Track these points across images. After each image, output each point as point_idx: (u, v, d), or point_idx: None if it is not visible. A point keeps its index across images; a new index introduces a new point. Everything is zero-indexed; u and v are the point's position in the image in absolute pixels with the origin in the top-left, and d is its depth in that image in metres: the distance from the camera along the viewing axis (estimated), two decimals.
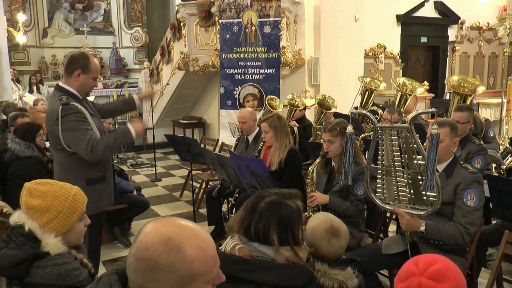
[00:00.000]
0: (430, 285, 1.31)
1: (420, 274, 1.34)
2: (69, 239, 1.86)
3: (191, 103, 9.81)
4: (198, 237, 1.16)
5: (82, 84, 3.04)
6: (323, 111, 5.18)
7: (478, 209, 2.79)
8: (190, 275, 1.13)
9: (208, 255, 1.16)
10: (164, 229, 1.15)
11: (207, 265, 1.16)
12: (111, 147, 2.98)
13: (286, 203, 1.69)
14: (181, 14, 8.16)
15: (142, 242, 1.13)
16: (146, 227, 1.16)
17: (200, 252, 1.14)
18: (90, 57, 3.10)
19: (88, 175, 3.03)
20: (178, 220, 1.20)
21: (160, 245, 1.11)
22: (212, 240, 1.20)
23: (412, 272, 1.36)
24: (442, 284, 1.30)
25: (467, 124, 4.08)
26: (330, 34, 7.73)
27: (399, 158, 2.50)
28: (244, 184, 3.70)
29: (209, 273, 1.17)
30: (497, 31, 11.76)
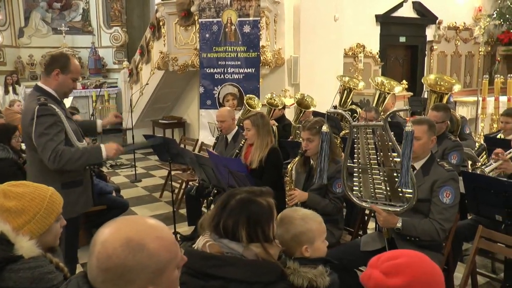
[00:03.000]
0: (379, 278, 1.32)
1: (376, 266, 1.35)
2: (46, 241, 1.83)
3: (171, 103, 9.76)
4: (154, 228, 1.17)
5: (61, 84, 2.99)
6: (302, 110, 5.21)
7: (454, 206, 2.84)
8: (160, 266, 1.14)
9: (169, 241, 1.18)
10: (120, 232, 1.14)
11: (172, 251, 1.17)
12: (75, 161, 2.91)
13: (256, 201, 1.69)
14: (160, 13, 8.10)
15: (101, 253, 1.12)
16: (99, 237, 1.14)
17: (161, 241, 1.15)
18: (70, 58, 3.06)
19: (64, 179, 2.98)
20: (126, 219, 1.20)
21: (122, 249, 1.10)
22: (164, 225, 1.22)
23: (372, 263, 1.38)
24: (393, 278, 1.30)
25: (443, 123, 4.15)
26: (310, 34, 7.77)
27: (375, 156, 2.53)
28: (223, 184, 3.70)
29: (175, 258, 1.19)
30: (473, 31, 11.98)
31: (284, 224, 1.91)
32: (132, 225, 1.16)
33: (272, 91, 6.01)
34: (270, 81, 7.71)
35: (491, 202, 3.09)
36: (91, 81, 12.18)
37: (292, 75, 7.80)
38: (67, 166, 2.90)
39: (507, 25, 12.18)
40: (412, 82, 10.64)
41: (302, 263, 1.75)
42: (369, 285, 1.34)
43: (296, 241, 1.90)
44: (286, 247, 1.88)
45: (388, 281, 1.31)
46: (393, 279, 1.30)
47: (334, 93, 5.92)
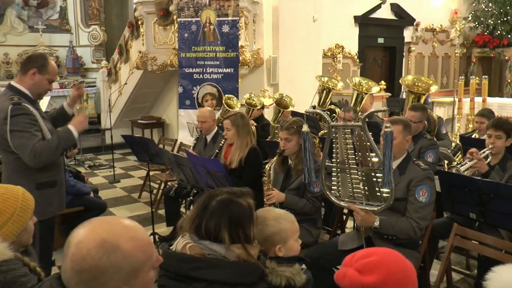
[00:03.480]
0: (353, 276, 1.33)
1: (350, 265, 1.37)
2: (22, 240, 1.82)
3: (150, 103, 9.68)
4: (128, 229, 1.16)
5: (36, 84, 2.94)
6: (281, 110, 5.22)
7: (430, 204, 2.89)
8: (135, 267, 1.13)
9: (144, 242, 1.17)
10: (94, 233, 1.13)
11: (147, 252, 1.17)
12: (54, 152, 2.89)
13: (237, 202, 1.69)
14: (139, 12, 8.02)
15: (75, 254, 1.11)
16: (73, 238, 1.14)
17: (136, 242, 1.14)
18: (48, 59, 3.03)
19: (38, 179, 2.94)
20: (101, 220, 1.19)
21: (97, 250, 1.09)
22: (139, 225, 1.21)
23: (346, 262, 1.39)
24: (367, 276, 1.32)
25: (420, 123, 4.21)
26: (289, 34, 7.80)
27: (353, 156, 2.55)
28: (201, 184, 3.68)
29: (150, 259, 1.18)
30: (449, 33, 12.20)
31: (258, 224, 1.91)
32: (107, 226, 1.15)
33: (251, 91, 6.02)
34: (249, 81, 7.72)
35: (465, 201, 3.14)
36: (69, 81, 11.98)
37: (271, 75, 7.82)
38: (49, 159, 2.89)
39: (482, 28, 12.44)
40: (390, 82, 10.78)
41: (279, 262, 1.75)
42: (344, 283, 1.35)
43: (269, 241, 1.91)
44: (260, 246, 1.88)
45: (362, 279, 1.32)
46: (367, 276, 1.32)
47: (313, 93, 5.96)
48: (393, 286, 1.33)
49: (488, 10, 12.08)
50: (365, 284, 1.31)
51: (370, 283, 1.31)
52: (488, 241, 2.86)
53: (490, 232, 3.10)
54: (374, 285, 1.31)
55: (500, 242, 2.86)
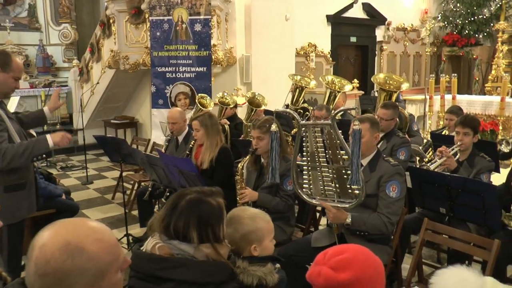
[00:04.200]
0: (328, 274, 1.34)
1: (323, 263, 1.38)
2: None
3: (123, 102, 9.57)
4: (94, 230, 1.15)
5: (1, 84, 2.87)
6: (253, 109, 5.23)
7: (400, 199, 2.93)
8: (101, 269, 1.12)
9: (110, 243, 1.16)
10: (58, 236, 1.11)
11: (113, 253, 1.15)
12: (20, 156, 2.80)
13: (206, 201, 1.68)
14: (110, 11, 7.93)
15: (39, 257, 1.08)
16: (37, 242, 1.11)
17: (101, 244, 1.13)
18: (11, 56, 2.95)
19: (6, 182, 2.86)
20: (65, 222, 1.17)
21: (61, 253, 1.08)
22: (107, 227, 1.20)
23: (318, 260, 1.40)
24: (342, 273, 1.33)
25: (391, 121, 4.27)
26: (261, 33, 7.82)
27: (324, 154, 2.57)
28: (174, 184, 3.66)
29: (116, 260, 1.17)
30: (420, 32, 12.43)
31: (233, 223, 1.90)
32: (71, 228, 1.14)
33: (224, 90, 6.00)
34: (222, 80, 7.70)
35: (435, 196, 3.22)
36: (39, 80, 11.70)
37: (244, 74, 7.82)
38: (12, 163, 2.80)
39: (451, 27, 12.73)
40: (363, 81, 10.90)
41: (251, 261, 1.75)
42: (319, 281, 1.36)
43: (245, 240, 1.90)
44: (235, 246, 1.88)
45: (337, 276, 1.33)
46: (342, 273, 1.33)
47: (286, 91, 5.98)
48: (367, 281, 1.35)
49: (457, 10, 12.38)
50: (341, 281, 1.33)
51: (346, 280, 1.32)
52: (456, 234, 2.93)
53: (459, 226, 3.18)
54: (349, 281, 1.33)
55: (468, 236, 2.93)
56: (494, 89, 10.26)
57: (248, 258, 1.81)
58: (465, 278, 1.20)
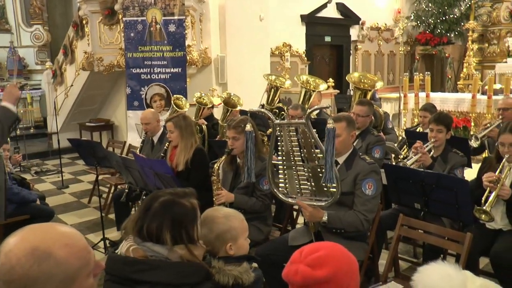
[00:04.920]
0: (306, 271, 1.35)
1: (300, 261, 1.38)
2: None
3: (98, 105, 9.44)
4: (63, 235, 1.13)
5: None
6: (229, 109, 5.23)
7: (376, 197, 2.97)
8: (70, 275, 1.09)
9: (79, 248, 1.13)
10: (24, 242, 1.09)
11: (82, 258, 1.13)
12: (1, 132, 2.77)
13: (179, 202, 1.67)
14: (83, 12, 7.81)
15: (5, 263, 1.06)
16: (3, 248, 1.09)
17: (70, 249, 1.11)
18: None
19: None
20: (34, 227, 1.14)
21: (27, 259, 1.05)
22: (77, 232, 1.18)
23: (294, 259, 1.41)
24: (319, 270, 1.34)
25: (367, 117, 4.32)
26: (236, 33, 7.82)
27: (299, 152, 2.58)
28: (150, 186, 3.63)
29: (86, 266, 1.14)
30: (394, 32, 12.61)
31: (207, 223, 1.90)
32: (39, 233, 1.11)
33: (199, 91, 5.98)
34: (197, 81, 7.68)
35: (410, 192, 3.26)
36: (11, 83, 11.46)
37: (219, 75, 7.81)
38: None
39: (424, 27, 12.96)
40: (338, 80, 11.00)
41: (227, 261, 1.75)
42: (296, 279, 1.36)
43: (220, 240, 1.90)
44: (210, 246, 1.87)
45: (315, 273, 1.34)
46: (319, 271, 1.34)
47: (261, 91, 5.99)
48: (343, 277, 1.37)
49: (429, 10, 12.62)
50: (318, 278, 1.34)
51: (323, 277, 1.34)
52: (431, 229, 2.98)
53: (434, 221, 3.23)
54: (326, 278, 1.34)
55: (442, 230, 2.99)
56: (466, 87, 10.49)
57: (224, 258, 1.81)
58: (448, 274, 1.23)
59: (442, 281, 1.21)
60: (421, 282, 1.25)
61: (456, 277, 1.22)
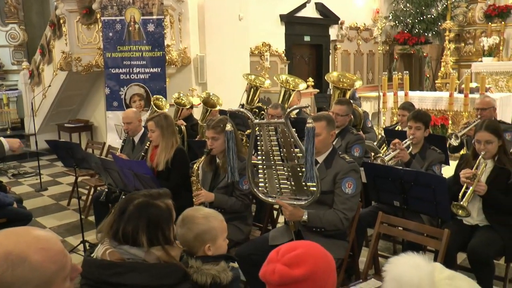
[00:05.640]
0: (283, 270, 1.35)
1: (277, 260, 1.38)
2: None
3: (77, 105, 9.33)
4: (38, 239, 1.11)
5: None
6: (208, 109, 5.21)
7: (355, 195, 2.99)
8: (45, 279, 1.08)
9: (55, 252, 1.12)
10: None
11: (58, 262, 1.12)
12: None
13: (155, 204, 1.66)
14: (60, 11, 7.69)
15: None
16: None
17: (45, 253, 1.09)
18: None
19: None
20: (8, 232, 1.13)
21: (0, 264, 1.04)
22: (52, 235, 1.17)
23: (271, 258, 1.41)
24: (296, 269, 1.34)
25: (346, 116, 4.36)
26: (215, 33, 7.81)
27: (278, 152, 2.58)
28: (130, 187, 3.59)
29: (63, 269, 1.13)
30: (372, 31, 12.74)
31: (187, 223, 1.89)
32: (13, 238, 1.09)
33: (179, 91, 5.95)
34: (177, 81, 7.64)
35: (389, 189, 3.30)
36: None
37: (199, 74, 7.79)
38: None
39: (402, 26, 13.13)
40: (318, 79, 11.06)
41: (205, 260, 1.74)
42: (274, 279, 1.36)
43: (199, 240, 1.89)
44: (188, 246, 1.86)
45: (292, 272, 1.34)
46: (296, 269, 1.34)
47: (241, 91, 6.00)
48: (320, 275, 1.37)
49: (407, 10, 12.78)
50: (296, 277, 1.34)
51: (300, 275, 1.34)
52: (410, 226, 3.02)
53: (413, 218, 3.28)
54: (304, 276, 1.34)
55: (421, 227, 3.04)
56: (443, 85, 10.65)
57: (202, 258, 1.80)
58: (416, 263, 1.25)
59: (410, 270, 1.23)
60: (391, 271, 1.27)
61: (424, 267, 1.24)
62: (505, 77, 11.46)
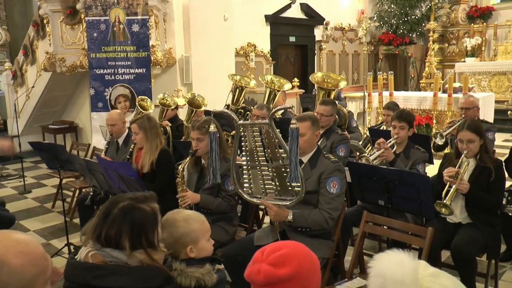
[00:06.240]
0: (269, 270, 1.35)
1: (262, 260, 1.39)
2: None
3: (61, 106, 9.23)
4: (17, 242, 1.11)
5: None
6: (194, 110, 5.20)
7: (340, 195, 3.00)
8: (25, 283, 1.07)
9: (35, 255, 1.12)
10: None
11: (39, 266, 1.11)
12: None
13: (139, 208, 1.64)
14: (43, 11, 7.61)
15: None
16: None
17: (25, 257, 1.09)
18: None
19: None
20: None
21: None
22: (33, 238, 1.16)
23: (256, 258, 1.41)
24: (281, 269, 1.35)
25: (331, 117, 4.38)
26: (200, 33, 7.80)
27: (263, 152, 2.59)
28: (115, 189, 3.57)
29: (43, 273, 1.13)
30: (357, 32, 12.83)
31: (167, 227, 1.88)
32: None
33: (164, 91, 5.93)
34: (162, 81, 7.62)
35: (374, 189, 3.32)
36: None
37: (184, 75, 7.78)
38: None
39: (386, 27, 13.25)
40: (303, 80, 11.09)
41: (189, 263, 1.74)
42: (259, 279, 1.36)
43: (180, 243, 1.88)
44: (171, 250, 1.86)
45: (277, 271, 1.34)
46: (282, 269, 1.35)
47: (227, 92, 5.98)
48: (305, 274, 1.38)
49: (391, 11, 12.90)
50: (281, 277, 1.34)
51: (286, 275, 1.34)
52: (394, 225, 3.05)
53: (398, 216, 3.31)
54: (289, 276, 1.34)
55: (405, 225, 3.06)
56: (428, 85, 10.77)
57: (186, 260, 1.80)
58: (401, 260, 1.26)
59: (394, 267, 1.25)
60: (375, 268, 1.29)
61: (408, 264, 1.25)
62: (487, 77, 11.65)
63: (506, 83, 11.42)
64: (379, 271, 1.27)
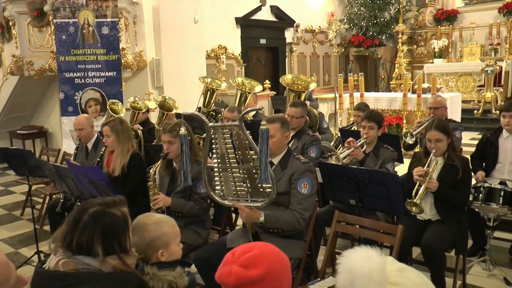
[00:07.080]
0: (239, 272, 1.36)
1: (233, 262, 1.40)
2: None
3: (30, 111, 9.02)
4: None
5: None
6: (165, 113, 5.16)
7: (311, 195, 3.02)
8: None
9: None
10: None
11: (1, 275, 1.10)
12: None
13: (110, 213, 1.62)
14: (8, 12, 7.44)
15: None
16: None
17: None
18: None
19: None
20: None
21: None
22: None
23: (227, 260, 1.42)
24: (252, 270, 1.36)
25: (301, 118, 4.41)
26: (171, 36, 7.77)
27: (234, 154, 2.59)
28: (85, 195, 3.52)
29: (7, 281, 1.11)
30: (328, 34, 12.98)
31: (138, 231, 1.86)
32: None
33: (135, 95, 5.88)
34: (133, 84, 7.56)
35: (345, 188, 3.38)
36: None
37: (155, 78, 7.74)
38: None
39: (356, 29, 13.45)
40: (275, 82, 11.12)
41: (160, 267, 1.73)
42: (230, 281, 1.37)
43: (151, 247, 1.88)
44: (142, 253, 1.84)
45: (248, 273, 1.35)
46: (253, 270, 1.36)
47: (198, 94, 5.96)
48: (276, 275, 1.40)
49: (361, 13, 13.11)
50: (252, 278, 1.35)
51: (257, 276, 1.35)
52: (366, 224, 3.08)
53: (369, 215, 3.36)
54: (260, 277, 1.36)
55: (376, 224, 3.10)
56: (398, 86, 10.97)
57: (157, 264, 1.79)
58: (368, 255, 1.28)
59: (362, 261, 1.27)
60: (343, 264, 1.31)
61: (376, 259, 1.28)
62: (454, 77, 11.98)
63: (472, 83, 11.76)
64: (347, 266, 1.29)
